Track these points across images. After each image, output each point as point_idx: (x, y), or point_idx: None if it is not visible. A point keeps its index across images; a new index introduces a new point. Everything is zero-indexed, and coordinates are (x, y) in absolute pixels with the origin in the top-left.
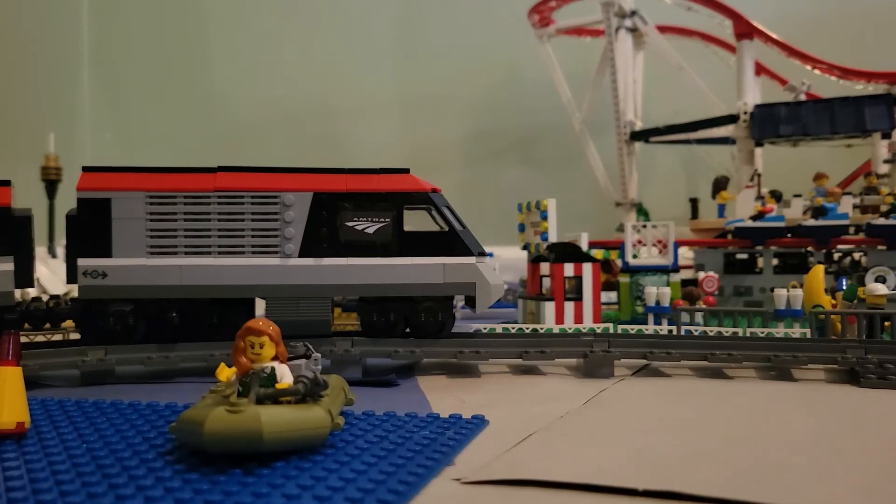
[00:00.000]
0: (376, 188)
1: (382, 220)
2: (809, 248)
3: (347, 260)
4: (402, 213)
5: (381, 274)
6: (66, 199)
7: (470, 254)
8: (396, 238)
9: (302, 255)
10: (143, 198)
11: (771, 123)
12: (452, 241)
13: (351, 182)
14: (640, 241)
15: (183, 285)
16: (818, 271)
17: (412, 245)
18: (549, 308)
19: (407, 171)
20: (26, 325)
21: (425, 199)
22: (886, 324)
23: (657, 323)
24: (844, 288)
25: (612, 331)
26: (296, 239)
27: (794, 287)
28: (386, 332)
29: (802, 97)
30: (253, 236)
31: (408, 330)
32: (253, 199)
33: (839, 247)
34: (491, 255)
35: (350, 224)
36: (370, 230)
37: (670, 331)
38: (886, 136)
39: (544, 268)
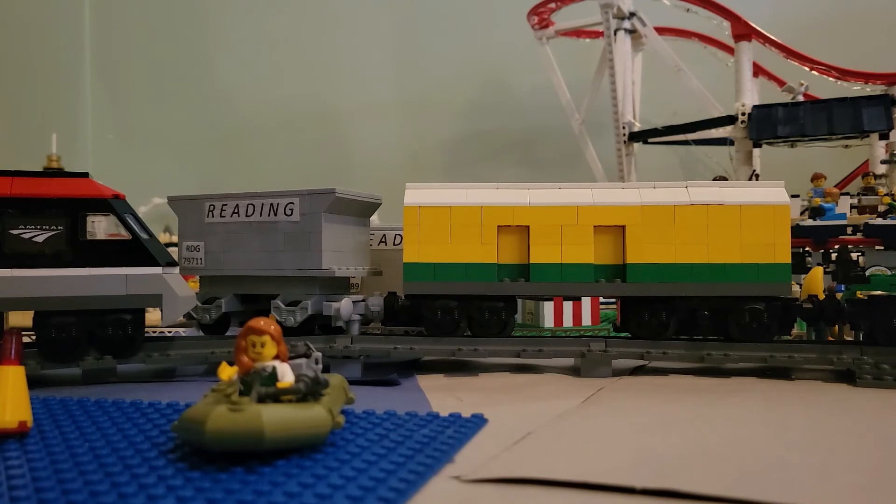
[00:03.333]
0: (46, 193)
1: (54, 227)
2: (807, 249)
3: (13, 271)
4: (77, 220)
5: (55, 286)
6: None
7: (156, 264)
8: (72, 247)
9: None
10: None
11: (769, 124)
12: (136, 251)
13: (16, 186)
14: None
15: None
16: (817, 273)
17: (91, 255)
18: (548, 308)
19: (86, 175)
20: None
21: (104, 206)
22: None
23: None
24: (843, 289)
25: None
26: None
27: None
28: (69, 350)
29: (800, 98)
30: None
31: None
32: None
33: (836, 247)
34: (178, 264)
35: (16, 232)
36: (40, 239)
37: None
38: (884, 136)
39: None
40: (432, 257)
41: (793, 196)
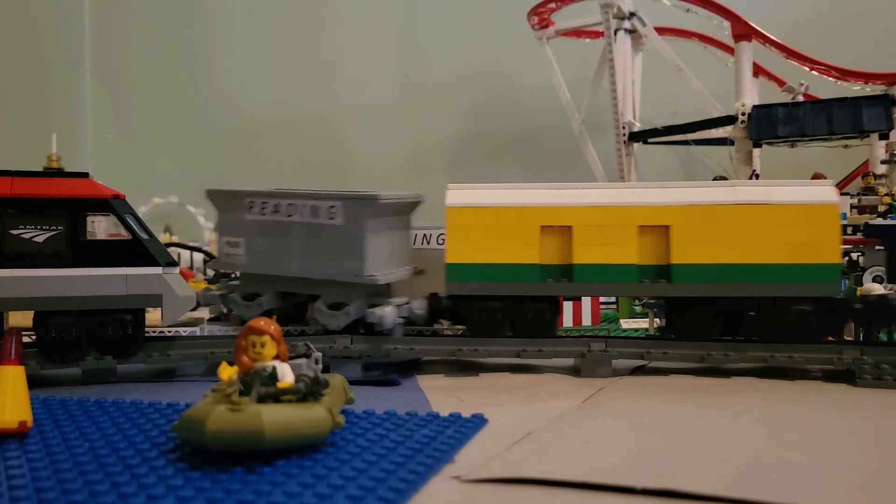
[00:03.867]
0: (46, 193)
1: (54, 227)
2: None
3: (13, 271)
4: (77, 220)
5: (55, 286)
6: None
7: (156, 264)
8: (72, 247)
9: None
10: None
11: (769, 124)
12: (136, 251)
13: (16, 186)
14: None
15: None
16: None
17: (91, 255)
18: None
19: (86, 175)
20: None
21: (104, 206)
22: None
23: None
24: (843, 288)
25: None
26: None
27: None
28: (69, 350)
29: (800, 98)
30: None
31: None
32: None
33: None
34: (177, 265)
35: (15, 232)
36: (40, 239)
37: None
38: (884, 136)
39: None
40: (475, 258)
41: None
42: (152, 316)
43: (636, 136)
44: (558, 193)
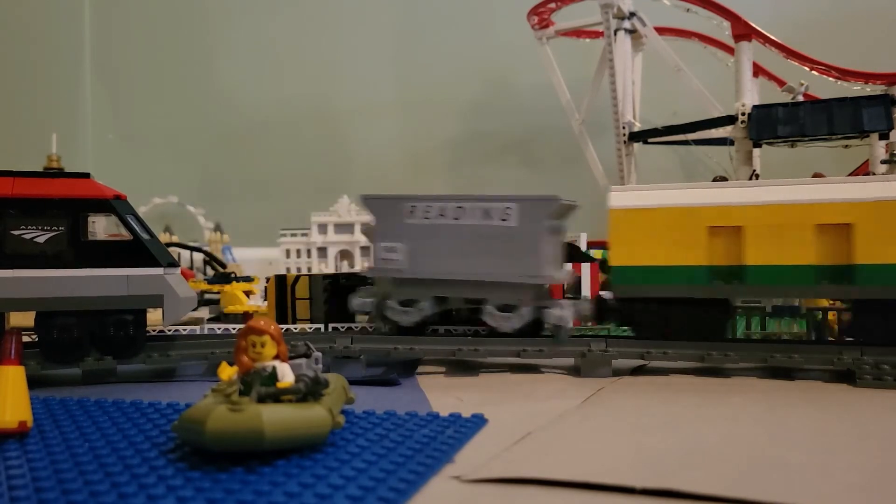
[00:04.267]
0: (48, 194)
1: (56, 228)
2: None
3: (15, 272)
4: (79, 220)
5: (56, 287)
6: None
7: (157, 264)
8: (73, 248)
9: None
10: None
11: (769, 124)
12: (137, 251)
13: (18, 187)
14: None
15: None
16: None
17: (92, 255)
18: None
19: (87, 175)
20: None
21: (106, 206)
22: None
23: None
24: None
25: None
26: None
27: None
28: (70, 350)
29: (800, 98)
30: None
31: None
32: None
33: None
34: (178, 265)
35: (17, 233)
36: (41, 239)
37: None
38: (884, 136)
39: None
40: (640, 260)
41: None
42: (153, 316)
43: (636, 136)
44: (726, 192)
